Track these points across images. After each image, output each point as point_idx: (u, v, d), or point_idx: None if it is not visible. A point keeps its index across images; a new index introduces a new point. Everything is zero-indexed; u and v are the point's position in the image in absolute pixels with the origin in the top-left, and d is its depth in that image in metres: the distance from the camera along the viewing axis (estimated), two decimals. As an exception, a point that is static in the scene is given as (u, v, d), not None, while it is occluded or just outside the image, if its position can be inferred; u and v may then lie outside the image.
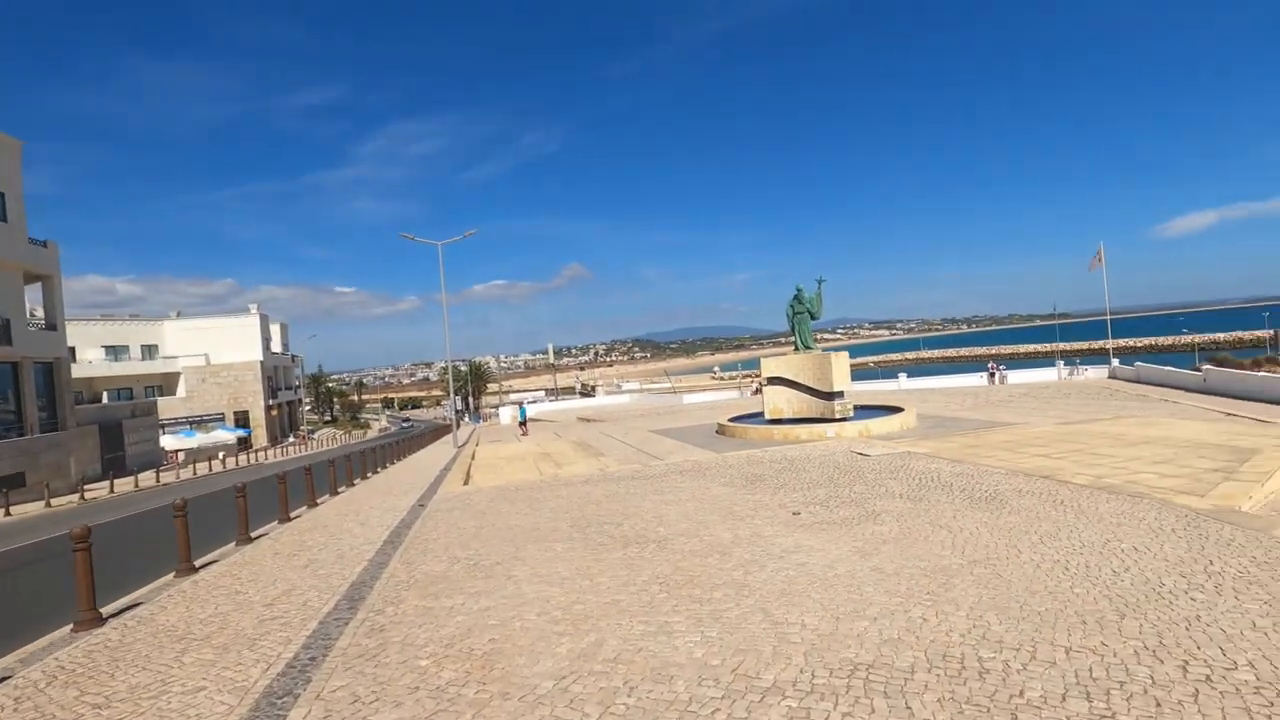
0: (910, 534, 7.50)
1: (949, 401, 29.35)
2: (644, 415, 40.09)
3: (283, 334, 74.17)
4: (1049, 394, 29.80)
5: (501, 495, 12.78)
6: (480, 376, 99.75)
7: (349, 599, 6.49)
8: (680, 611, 5.42)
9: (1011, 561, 6.29)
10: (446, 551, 8.27)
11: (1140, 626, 4.60)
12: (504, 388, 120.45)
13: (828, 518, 8.61)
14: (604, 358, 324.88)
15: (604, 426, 34.77)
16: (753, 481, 11.75)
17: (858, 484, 10.77)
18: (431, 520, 10.61)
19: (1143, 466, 11.79)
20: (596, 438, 27.99)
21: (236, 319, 63.99)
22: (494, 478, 16.75)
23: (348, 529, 10.54)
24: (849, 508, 9.09)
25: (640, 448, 22.15)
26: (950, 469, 11.59)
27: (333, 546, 9.20)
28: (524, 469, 18.55)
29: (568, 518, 9.90)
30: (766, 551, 7.16)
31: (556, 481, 14.13)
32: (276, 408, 67.25)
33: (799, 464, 13.29)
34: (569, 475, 15.12)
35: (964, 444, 15.33)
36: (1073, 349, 50.96)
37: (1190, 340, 75.36)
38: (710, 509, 9.69)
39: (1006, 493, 9.42)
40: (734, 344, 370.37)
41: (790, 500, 9.89)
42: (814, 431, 22.20)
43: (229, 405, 61.03)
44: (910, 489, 10.06)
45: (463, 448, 29.59)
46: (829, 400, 24.45)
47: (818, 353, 25.46)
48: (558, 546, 8.06)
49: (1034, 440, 15.36)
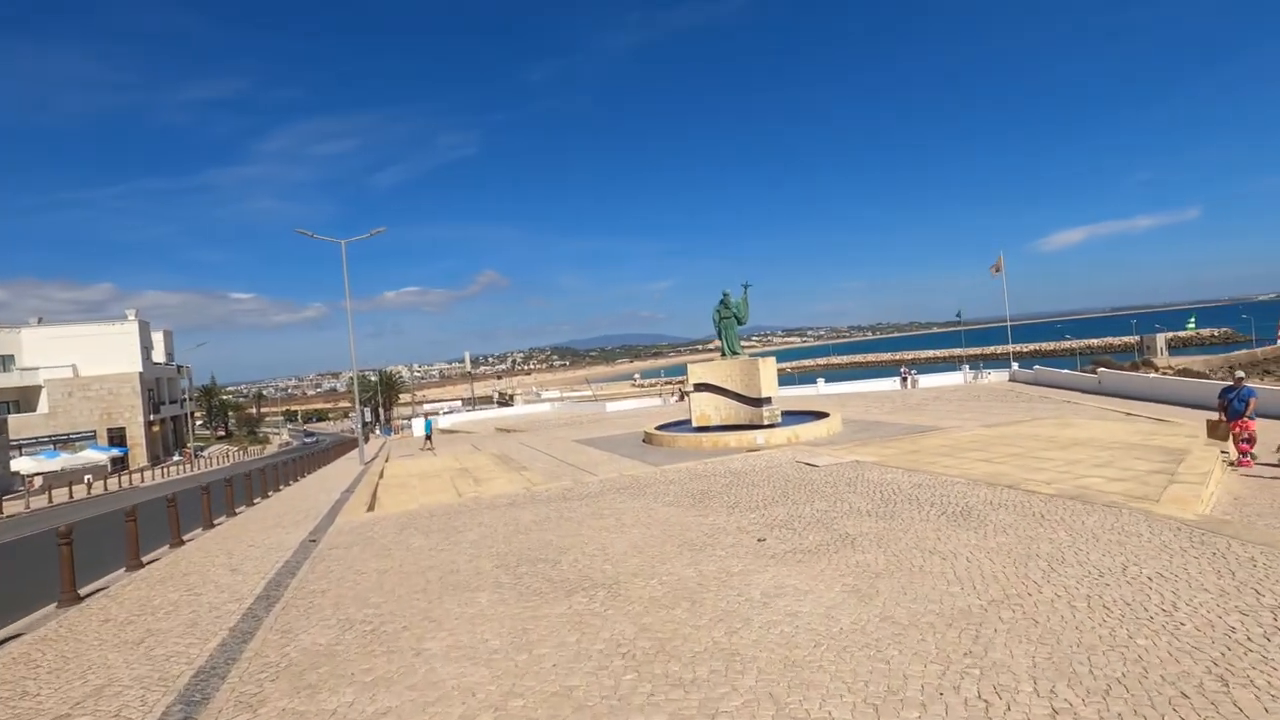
0: (902, 564, 6.34)
1: (869, 405, 29.38)
2: (566, 424, 38.25)
3: (166, 342, 66.82)
4: (959, 397, 30.42)
5: (412, 523, 10.81)
6: (391, 387, 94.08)
7: (184, 702, 4.53)
8: (662, 707, 3.90)
9: (1035, 598, 5.21)
10: (337, 611, 6.37)
11: (1257, 697, 3.53)
12: (417, 398, 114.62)
13: (798, 544, 7.36)
14: (522, 366, 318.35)
15: (525, 437, 32.71)
16: (700, 500, 10.41)
17: (816, 500, 9.64)
18: (323, 562, 8.57)
19: (1086, 470, 11.38)
20: (518, 449, 26.00)
21: (112, 326, 56.87)
22: (404, 500, 14.62)
23: (214, 578, 8.32)
24: (817, 530, 7.89)
25: (566, 460, 20.46)
26: (907, 480, 10.70)
27: (186, 608, 7.04)
28: (439, 488, 16.46)
29: (493, 553, 8.18)
30: (744, 596, 5.78)
31: (477, 504, 12.27)
32: (159, 424, 60.30)
33: (746, 478, 12.09)
34: (492, 495, 13.28)
35: (904, 450, 14.69)
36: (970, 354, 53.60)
37: (1070, 346, 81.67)
38: (661, 536, 8.24)
39: (978, 506, 8.53)
40: (653, 351, 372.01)
41: (748, 522, 8.60)
42: (743, 439, 21.27)
43: (102, 422, 54.00)
44: (875, 505, 9.01)
45: (370, 464, 26.75)
46: (757, 406, 23.65)
47: (745, 358, 24.63)
48: (483, 598, 6.35)
49: (970, 445, 14.92)
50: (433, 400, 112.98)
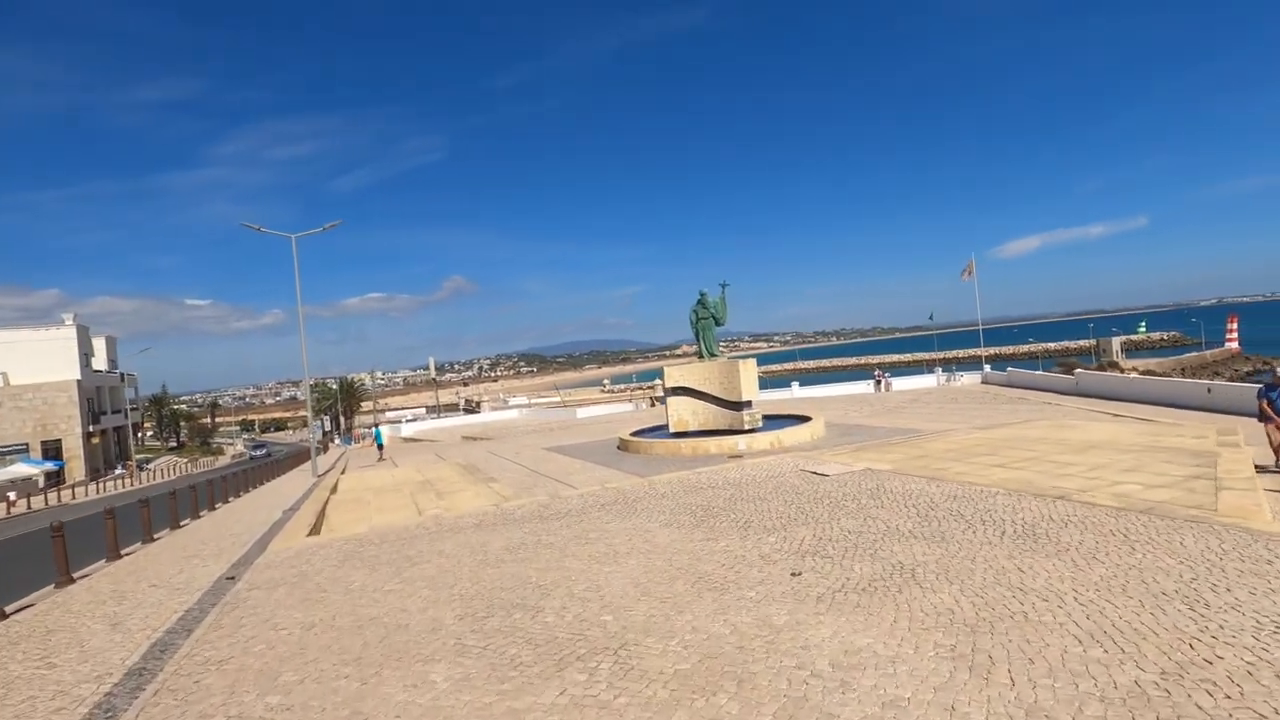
0: (997, 610, 4.74)
1: (847, 409, 28.17)
2: (535, 431, 36.19)
3: (109, 349, 62.17)
4: (936, 399, 29.46)
5: (359, 552, 8.84)
6: (353, 394, 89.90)
7: None
8: None
9: (1221, 667, 3.65)
10: (229, 701, 4.43)
11: None
12: (381, 405, 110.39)
13: (845, 580, 5.71)
14: (489, 373, 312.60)
15: (492, 445, 30.59)
16: (703, 519, 8.70)
17: (841, 516, 8.04)
18: (236, 611, 6.57)
19: (1116, 475, 10.10)
20: (485, 458, 23.94)
21: (47, 331, 52.48)
22: (355, 521, 12.56)
23: (85, 638, 6.24)
24: (861, 559, 6.27)
25: (538, 469, 18.56)
26: (936, 491, 9.19)
27: (17, 695, 4.99)
28: (397, 505, 14.40)
29: (455, 596, 6.32)
30: (807, 667, 4.08)
31: (439, 525, 10.33)
32: (99, 435, 55.82)
33: (749, 490, 10.43)
34: (456, 513, 11.35)
35: (909, 455, 13.27)
36: (939, 358, 53.49)
37: (1030, 349, 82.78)
38: (668, 569, 6.51)
39: (1039, 523, 7.03)
40: (621, 357, 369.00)
41: (769, 548, 6.93)
42: (724, 444, 19.73)
43: (35, 433, 49.54)
44: (916, 523, 7.44)
45: (324, 476, 24.29)
46: (737, 410, 22.11)
47: (724, 360, 23.09)
48: (439, 674, 4.50)
49: (976, 449, 13.59)
50: (396, 408, 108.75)
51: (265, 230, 21.62)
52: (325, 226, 21.41)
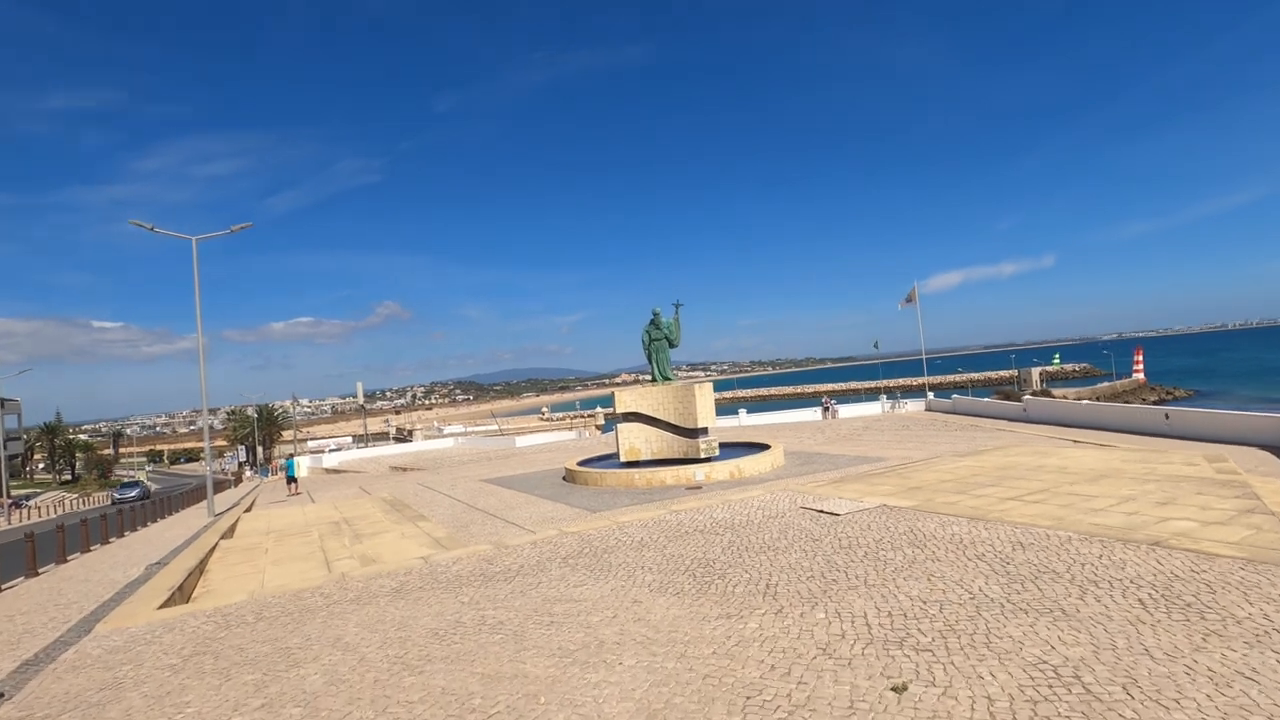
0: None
1: (800, 436, 26.56)
2: (473, 461, 32.85)
3: (-13, 371, 54.11)
4: (887, 426, 28.29)
5: (215, 642, 5.97)
6: (273, 423, 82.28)
7: None
8: None
9: None
10: None
11: None
12: (305, 434, 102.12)
13: (980, 698, 3.53)
14: (423, 400, 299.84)
15: (425, 476, 27.20)
16: (705, 578, 6.35)
17: (896, 576, 5.88)
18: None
19: (1154, 510, 8.54)
20: (415, 492, 20.73)
21: (-95, 350, 44.81)
22: (239, 579, 9.46)
23: None
24: (979, 654, 4.09)
25: (475, 504, 15.73)
26: (989, 535, 7.22)
27: None
28: (301, 553, 11.29)
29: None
30: None
31: (345, 591, 7.50)
32: (-34, 467, 47.77)
33: (748, 535, 8.15)
34: (372, 569, 8.50)
35: (901, 487, 11.40)
36: (879, 386, 53.59)
37: (956, 379, 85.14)
38: (691, 678, 4.12)
39: (1167, 581, 5.10)
40: (560, 385, 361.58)
41: (821, 630, 4.66)
42: (680, 475, 17.51)
43: (-119, 467, 41.70)
44: (1005, 586, 5.36)
45: (223, 515, 20.31)
46: (693, 438, 19.98)
47: (679, 385, 20.99)
48: None
49: (971, 479, 11.89)
50: (322, 437, 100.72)
51: (159, 230, 18.06)
52: (231, 229, 18.07)
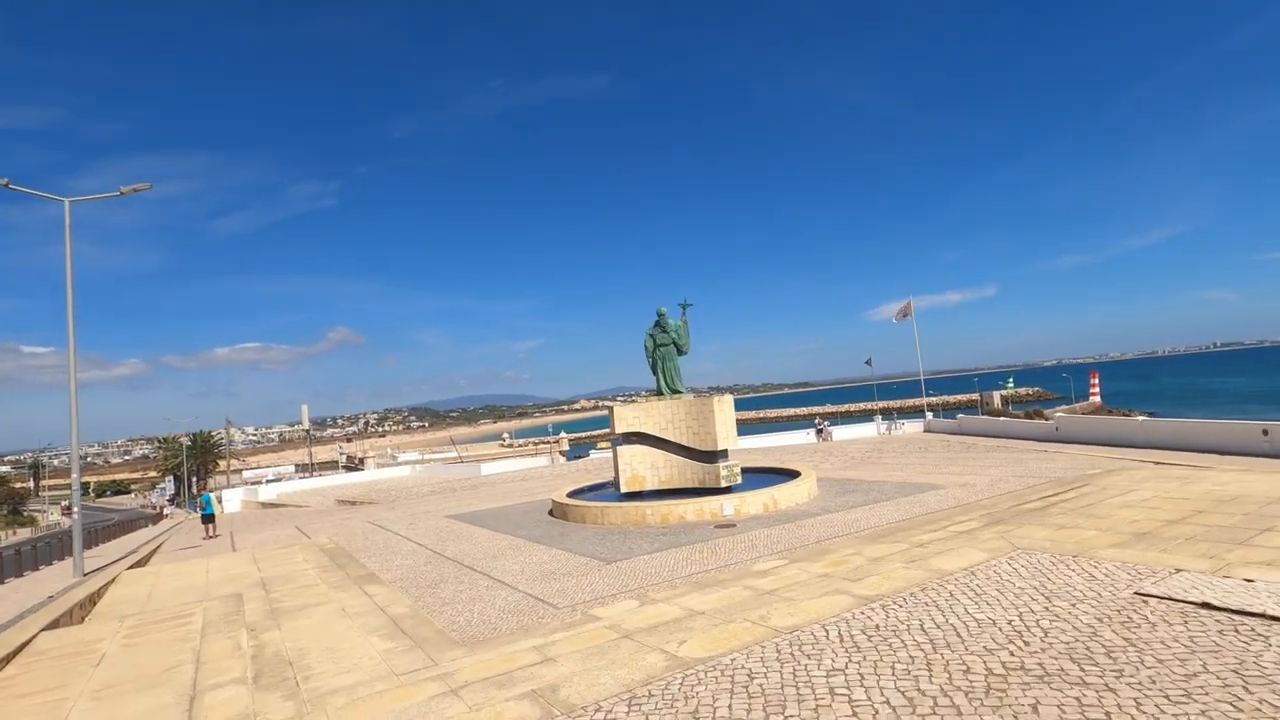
0: None
1: (811, 460, 23.25)
2: (433, 493, 28.31)
3: None
4: (897, 448, 25.26)
5: None
6: (208, 451, 74.55)
7: None
8: None
9: None
10: None
11: None
12: (246, 463, 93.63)
13: None
14: (376, 427, 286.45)
15: (377, 512, 22.67)
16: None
17: None
18: None
19: None
20: (365, 534, 16.44)
21: None
22: None
23: None
24: None
25: (444, 552, 11.74)
26: None
27: None
28: (153, 670, 7.09)
29: None
30: None
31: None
32: None
33: (1089, 669, 4.60)
34: None
35: (1132, 534, 8.08)
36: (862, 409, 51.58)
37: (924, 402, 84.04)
38: None
39: None
40: (518, 412, 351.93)
41: None
42: (703, 509, 13.96)
43: None
44: None
45: (94, 575, 14.84)
46: (711, 463, 16.43)
47: (692, 398, 17.40)
48: None
49: (1192, 516, 8.67)
50: (263, 465, 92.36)
51: (28, 191, 13.66)
52: (122, 190, 13.80)
